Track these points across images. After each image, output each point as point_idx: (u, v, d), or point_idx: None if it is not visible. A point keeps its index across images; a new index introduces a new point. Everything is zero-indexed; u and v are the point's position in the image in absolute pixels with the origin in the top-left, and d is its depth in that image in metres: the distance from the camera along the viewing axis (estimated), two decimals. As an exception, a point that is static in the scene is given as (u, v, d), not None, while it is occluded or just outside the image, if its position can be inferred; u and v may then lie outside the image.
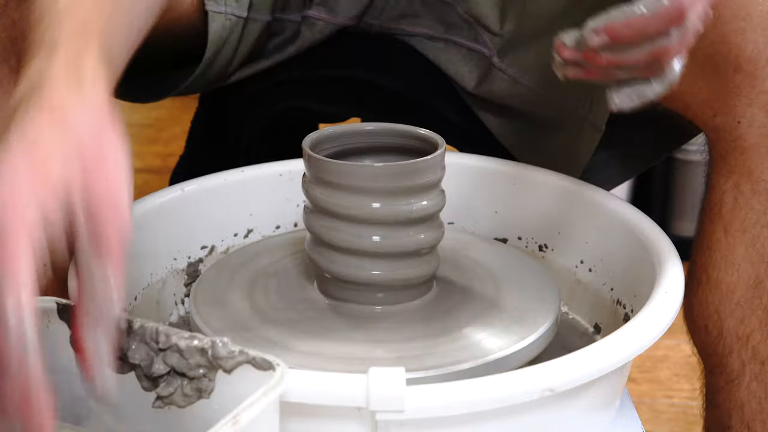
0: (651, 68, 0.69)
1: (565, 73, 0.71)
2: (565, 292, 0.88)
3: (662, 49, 0.67)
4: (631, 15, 0.66)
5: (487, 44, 0.95)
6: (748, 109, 0.80)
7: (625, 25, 0.66)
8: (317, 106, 1.05)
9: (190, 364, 0.58)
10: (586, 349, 0.63)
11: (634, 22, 0.66)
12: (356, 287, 0.75)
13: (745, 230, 0.82)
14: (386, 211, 0.73)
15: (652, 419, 1.40)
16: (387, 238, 0.74)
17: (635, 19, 0.66)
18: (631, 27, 0.66)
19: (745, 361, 0.84)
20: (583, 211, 0.87)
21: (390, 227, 0.74)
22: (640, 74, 0.69)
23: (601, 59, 0.68)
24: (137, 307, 0.83)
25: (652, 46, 0.67)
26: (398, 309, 0.76)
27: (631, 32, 0.66)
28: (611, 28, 0.66)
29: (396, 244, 0.74)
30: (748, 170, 0.81)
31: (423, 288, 0.78)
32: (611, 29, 0.66)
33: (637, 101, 0.71)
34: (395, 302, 0.76)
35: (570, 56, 0.70)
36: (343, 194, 0.73)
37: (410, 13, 0.99)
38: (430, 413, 0.59)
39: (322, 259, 0.76)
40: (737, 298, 0.83)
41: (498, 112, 0.99)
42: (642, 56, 0.68)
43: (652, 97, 0.71)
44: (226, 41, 0.88)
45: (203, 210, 0.89)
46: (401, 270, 0.75)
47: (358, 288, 0.75)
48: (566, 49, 0.70)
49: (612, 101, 0.71)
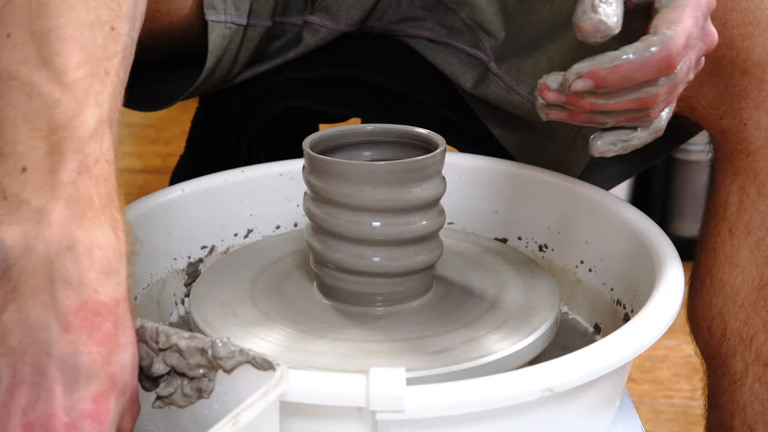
0: (637, 115, 0.67)
1: (548, 115, 0.69)
2: (565, 292, 0.88)
3: (649, 97, 0.65)
4: (617, 61, 0.63)
5: (487, 50, 0.95)
6: (755, 112, 0.80)
7: (610, 71, 0.63)
8: (317, 106, 1.05)
9: (190, 364, 0.58)
10: (586, 349, 0.63)
11: (621, 68, 0.63)
12: (355, 279, 0.75)
13: (750, 232, 0.82)
14: (387, 199, 0.73)
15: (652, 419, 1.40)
16: (387, 224, 0.74)
17: (622, 66, 0.63)
18: (617, 73, 0.63)
19: (749, 363, 0.84)
20: (583, 211, 0.87)
21: (390, 214, 0.73)
22: (625, 121, 0.68)
23: (585, 104, 0.66)
24: (137, 307, 0.83)
25: (639, 94, 0.65)
26: (398, 309, 0.76)
27: (617, 78, 0.64)
28: (596, 72, 0.64)
29: (397, 231, 0.74)
30: (754, 172, 0.81)
31: (423, 284, 0.78)
32: (596, 74, 0.64)
33: (619, 147, 0.69)
34: (396, 301, 0.76)
35: (553, 98, 0.67)
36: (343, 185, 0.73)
37: (412, 16, 1.00)
38: (430, 413, 0.59)
39: (321, 248, 0.76)
40: (741, 300, 0.83)
41: (497, 114, 0.99)
42: (628, 103, 0.66)
43: (637, 144, 0.70)
44: (227, 49, 0.88)
45: (203, 210, 0.89)
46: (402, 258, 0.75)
47: (358, 280, 0.75)
48: (549, 91, 0.67)
49: (594, 147, 0.70)
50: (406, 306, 0.77)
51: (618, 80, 0.64)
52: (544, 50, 0.91)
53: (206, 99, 1.20)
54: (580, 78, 0.64)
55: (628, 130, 0.69)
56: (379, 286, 0.76)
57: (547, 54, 0.91)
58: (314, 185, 0.75)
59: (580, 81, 0.64)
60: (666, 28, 0.63)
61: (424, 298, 0.78)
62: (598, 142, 0.70)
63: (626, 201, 0.87)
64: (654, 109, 0.67)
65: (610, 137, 0.69)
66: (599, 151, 0.70)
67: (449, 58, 0.98)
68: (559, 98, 0.67)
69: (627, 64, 0.63)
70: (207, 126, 1.19)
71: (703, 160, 0.90)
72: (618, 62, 0.63)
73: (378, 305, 0.76)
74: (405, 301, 0.77)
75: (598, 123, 0.68)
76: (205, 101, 1.20)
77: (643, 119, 0.68)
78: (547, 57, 0.91)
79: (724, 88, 0.80)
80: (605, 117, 0.68)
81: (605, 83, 0.64)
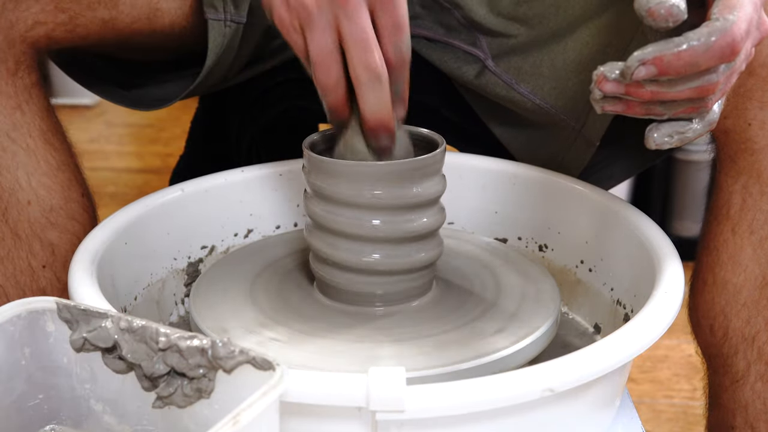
0: (695, 106, 0.66)
1: (604, 108, 0.68)
2: (565, 292, 0.88)
3: (710, 85, 0.64)
4: (682, 46, 0.62)
5: (484, 48, 0.95)
6: (759, 112, 0.79)
7: (675, 57, 0.62)
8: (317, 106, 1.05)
9: (190, 364, 0.58)
10: (586, 349, 0.63)
11: (685, 54, 0.62)
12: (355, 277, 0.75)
13: (753, 231, 0.82)
14: (387, 197, 0.73)
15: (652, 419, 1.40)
16: (388, 222, 0.74)
17: (686, 52, 0.62)
18: (682, 59, 0.62)
19: (751, 362, 0.84)
20: (583, 212, 0.87)
21: (391, 212, 0.73)
22: (682, 111, 0.67)
23: (645, 93, 0.65)
24: (137, 307, 0.83)
25: (700, 82, 0.64)
26: (398, 309, 0.76)
27: (682, 65, 0.63)
28: (660, 59, 0.63)
29: (397, 228, 0.74)
30: (758, 172, 0.81)
31: (423, 283, 0.78)
32: (660, 61, 0.63)
33: (675, 140, 0.68)
34: (395, 301, 0.76)
35: (611, 89, 0.66)
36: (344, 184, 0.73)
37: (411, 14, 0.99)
38: (430, 413, 0.59)
39: (321, 245, 0.76)
40: (744, 299, 0.83)
41: (497, 113, 0.99)
42: (688, 92, 0.65)
43: (692, 137, 0.69)
44: (227, 48, 0.88)
45: (203, 210, 0.89)
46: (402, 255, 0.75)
47: (357, 278, 0.75)
48: (608, 82, 0.65)
49: (651, 139, 0.69)
50: (406, 306, 0.77)
51: (682, 66, 0.63)
52: (546, 50, 0.91)
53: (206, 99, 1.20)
54: (644, 65, 0.63)
55: (684, 122, 0.68)
56: (379, 284, 0.76)
57: (549, 54, 0.91)
58: (314, 184, 0.75)
59: (644, 68, 0.63)
60: (728, 14, 0.63)
61: (424, 298, 0.78)
62: (655, 135, 0.68)
63: (626, 201, 0.87)
64: (711, 99, 0.66)
65: (666, 129, 0.68)
66: (656, 143, 0.69)
67: (447, 56, 0.98)
68: (618, 89, 0.66)
69: (691, 50, 0.62)
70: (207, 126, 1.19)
71: (704, 160, 0.90)
72: (682, 48, 0.62)
73: (378, 305, 0.76)
74: (405, 300, 0.77)
75: (656, 114, 0.67)
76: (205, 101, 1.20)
77: (700, 110, 0.67)
78: (549, 57, 0.91)
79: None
80: (663, 107, 0.67)
81: (669, 70, 0.63)
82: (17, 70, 0.80)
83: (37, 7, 0.78)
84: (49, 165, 0.83)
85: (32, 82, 0.81)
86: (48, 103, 0.84)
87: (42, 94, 0.83)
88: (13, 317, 0.60)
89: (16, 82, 0.80)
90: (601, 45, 0.88)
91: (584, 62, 0.89)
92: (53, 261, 0.84)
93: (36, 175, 0.82)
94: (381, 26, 0.70)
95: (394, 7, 0.70)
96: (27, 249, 0.82)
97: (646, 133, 0.69)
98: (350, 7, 0.68)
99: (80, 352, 0.61)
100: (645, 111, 0.67)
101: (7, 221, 0.81)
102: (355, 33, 0.68)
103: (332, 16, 0.69)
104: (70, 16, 0.80)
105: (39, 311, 0.60)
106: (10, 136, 0.80)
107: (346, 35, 0.69)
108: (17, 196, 0.81)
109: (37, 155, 0.82)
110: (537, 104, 0.92)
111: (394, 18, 0.70)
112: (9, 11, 0.77)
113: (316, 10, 0.69)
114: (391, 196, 0.73)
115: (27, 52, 0.80)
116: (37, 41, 0.80)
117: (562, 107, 0.91)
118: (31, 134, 0.82)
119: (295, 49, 0.72)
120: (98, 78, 0.96)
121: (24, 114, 0.81)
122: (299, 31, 0.71)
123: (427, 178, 0.74)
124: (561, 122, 0.92)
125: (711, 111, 0.68)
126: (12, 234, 0.81)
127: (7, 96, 0.80)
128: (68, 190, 0.85)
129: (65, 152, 0.85)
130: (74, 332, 0.60)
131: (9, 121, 0.80)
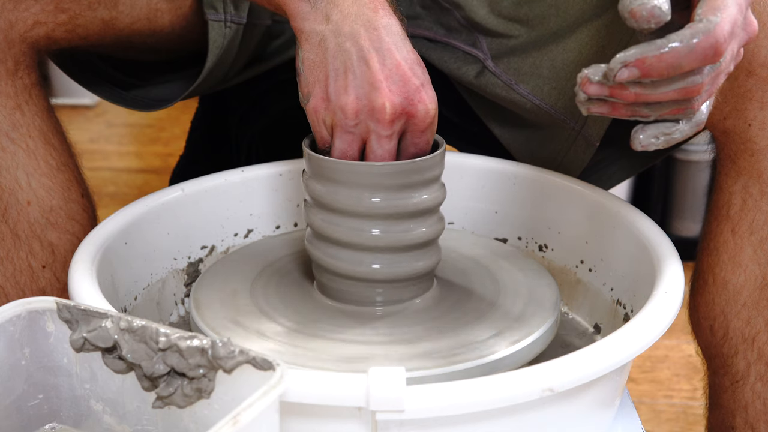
0: (680, 107, 0.66)
1: (590, 109, 0.68)
2: (565, 292, 0.88)
3: (694, 87, 0.64)
4: (664, 48, 0.62)
5: (483, 49, 0.95)
6: (759, 113, 0.79)
7: (657, 59, 0.62)
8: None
9: (190, 364, 0.58)
10: (586, 349, 0.63)
11: (667, 56, 0.62)
12: (356, 285, 0.75)
13: (753, 232, 0.82)
14: (386, 205, 0.73)
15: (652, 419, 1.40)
16: (387, 231, 0.74)
17: (668, 53, 0.62)
18: (664, 61, 0.62)
19: (751, 362, 0.84)
20: (583, 211, 0.87)
21: (390, 221, 0.74)
22: (668, 113, 0.67)
23: (629, 95, 0.65)
24: (137, 307, 0.83)
25: (684, 83, 0.64)
26: (398, 309, 0.76)
27: (664, 67, 0.62)
28: (642, 61, 0.62)
29: (396, 238, 0.74)
30: (758, 172, 0.81)
31: (423, 287, 0.78)
32: (642, 63, 0.62)
33: (662, 141, 0.68)
34: (395, 301, 0.76)
35: (595, 92, 0.66)
36: (343, 191, 0.73)
37: (411, 14, 1.00)
38: (430, 413, 0.59)
39: (321, 255, 0.76)
40: (744, 299, 0.83)
41: (497, 112, 0.99)
42: (672, 93, 0.65)
43: (679, 138, 0.69)
44: (227, 48, 0.88)
45: (203, 210, 0.89)
46: (402, 264, 0.75)
47: (358, 285, 0.75)
48: (591, 84, 0.65)
49: (636, 140, 0.68)
50: (406, 306, 0.77)
51: (665, 68, 0.63)
52: (546, 51, 0.91)
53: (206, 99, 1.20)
54: (626, 67, 0.63)
55: (671, 123, 0.68)
56: (378, 291, 0.76)
57: (548, 54, 0.91)
58: (314, 189, 0.75)
59: (626, 70, 0.63)
60: (711, 15, 0.62)
61: (424, 298, 0.78)
62: (641, 136, 0.68)
63: (626, 201, 0.87)
64: (697, 101, 0.66)
65: (652, 130, 0.68)
66: (642, 144, 0.69)
67: (447, 56, 0.98)
68: (601, 91, 0.66)
69: (674, 51, 0.62)
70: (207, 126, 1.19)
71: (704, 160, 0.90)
72: (665, 50, 0.62)
73: (378, 305, 0.76)
74: (405, 301, 0.77)
75: (641, 116, 0.67)
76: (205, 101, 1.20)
77: (686, 111, 0.67)
78: (549, 57, 0.91)
79: (728, 89, 0.80)
80: (648, 109, 0.67)
81: (651, 72, 0.63)
82: (17, 70, 0.80)
83: (37, 7, 0.78)
84: (49, 165, 0.83)
85: (32, 82, 0.81)
86: (48, 103, 0.84)
87: (42, 94, 0.83)
88: (13, 317, 0.60)
89: (16, 82, 0.80)
90: (601, 46, 0.88)
91: (584, 63, 0.89)
92: (53, 261, 0.84)
93: (36, 175, 0.82)
94: (405, 146, 0.74)
95: (422, 136, 0.73)
96: (27, 249, 0.82)
97: (632, 135, 0.69)
98: (384, 130, 0.71)
99: (80, 352, 0.61)
100: (630, 113, 0.67)
101: (7, 221, 0.81)
102: (379, 155, 0.72)
103: (365, 129, 0.71)
104: (70, 16, 0.80)
105: (39, 311, 0.60)
106: (10, 137, 0.80)
107: (370, 152, 0.73)
108: (17, 197, 0.81)
109: (37, 155, 0.82)
110: (537, 105, 0.92)
111: (420, 145, 0.74)
112: (9, 11, 0.77)
113: (353, 121, 0.71)
114: (390, 203, 0.73)
115: (27, 53, 0.80)
116: (36, 41, 0.80)
117: (562, 108, 0.91)
118: (31, 134, 0.82)
119: (318, 137, 0.74)
120: (98, 78, 0.96)
121: (24, 114, 0.81)
122: (330, 128, 0.73)
123: (427, 185, 0.74)
124: (561, 122, 0.92)
125: (698, 112, 0.68)
126: (12, 234, 0.81)
127: (7, 96, 0.80)
128: (68, 190, 0.85)
129: (65, 152, 0.85)
130: (74, 332, 0.60)
131: (9, 121, 0.80)
